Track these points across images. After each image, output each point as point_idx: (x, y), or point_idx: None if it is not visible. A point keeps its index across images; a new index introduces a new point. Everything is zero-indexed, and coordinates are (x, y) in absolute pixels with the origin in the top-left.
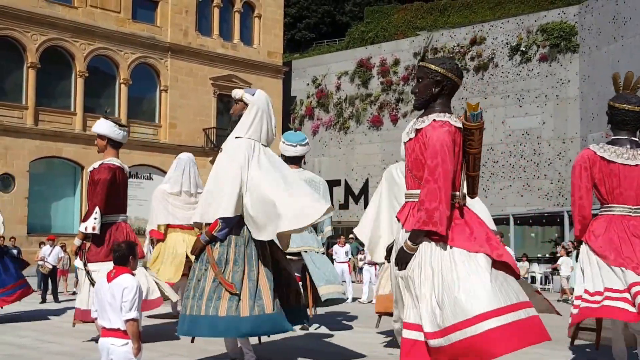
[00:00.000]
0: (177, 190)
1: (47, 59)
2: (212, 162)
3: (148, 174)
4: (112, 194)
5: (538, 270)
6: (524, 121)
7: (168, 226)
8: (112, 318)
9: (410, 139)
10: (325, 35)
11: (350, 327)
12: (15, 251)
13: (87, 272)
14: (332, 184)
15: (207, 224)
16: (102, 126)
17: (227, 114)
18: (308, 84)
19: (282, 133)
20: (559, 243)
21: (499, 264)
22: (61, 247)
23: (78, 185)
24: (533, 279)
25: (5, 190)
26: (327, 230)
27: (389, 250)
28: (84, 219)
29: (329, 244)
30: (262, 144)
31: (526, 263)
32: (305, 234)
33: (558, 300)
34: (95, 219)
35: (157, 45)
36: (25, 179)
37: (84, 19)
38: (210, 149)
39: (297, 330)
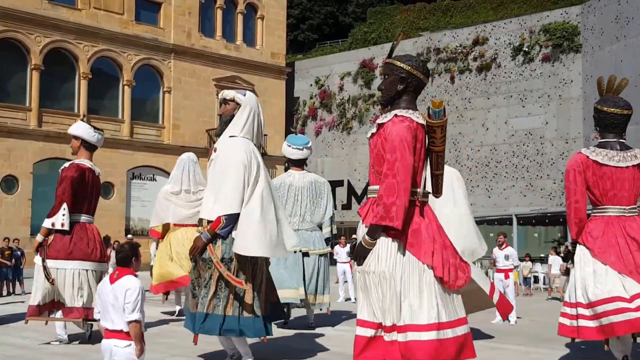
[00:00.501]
0: (178, 189)
1: (50, 61)
2: None
3: (151, 175)
4: (79, 193)
5: (541, 270)
6: (527, 121)
7: (174, 225)
8: (115, 319)
9: (373, 135)
10: (328, 36)
11: (351, 327)
12: (19, 253)
13: (45, 268)
14: (335, 184)
15: (209, 222)
16: (78, 128)
17: None
18: (311, 85)
19: (285, 134)
20: (562, 243)
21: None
22: None
23: None
24: (536, 279)
25: (9, 191)
26: (325, 231)
27: (353, 247)
28: (50, 215)
29: (331, 244)
30: (254, 144)
31: (529, 263)
32: (316, 235)
33: (553, 299)
34: (63, 215)
35: (161, 46)
36: (29, 180)
37: (87, 20)
38: None
39: (281, 329)
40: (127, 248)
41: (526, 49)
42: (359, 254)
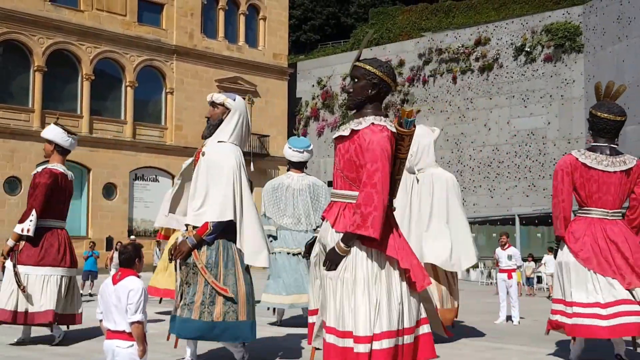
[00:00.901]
0: None
1: (53, 62)
2: None
3: (154, 176)
4: (52, 199)
5: (544, 270)
6: (529, 121)
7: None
8: (118, 320)
9: (344, 140)
10: (330, 36)
11: None
12: None
13: (16, 274)
14: None
15: (194, 227)
16: (51, 132)
17: None
18: (313, 86)
19: (288, 134)
20: None
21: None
22: None
23: (85, 188)
24: (539, 279)
25: (12, 193)
26: None
27: (308, 247)
28: (21, 220)
29: None
30: (240, 149)
31: (532, 263)
32: (310, 237)
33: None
34: (31, 221)
35: (163, 47)
36: None
37: (90, 22)
38: None
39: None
40: (130, 249)
41: (528, 49)
42: (332, 261)
